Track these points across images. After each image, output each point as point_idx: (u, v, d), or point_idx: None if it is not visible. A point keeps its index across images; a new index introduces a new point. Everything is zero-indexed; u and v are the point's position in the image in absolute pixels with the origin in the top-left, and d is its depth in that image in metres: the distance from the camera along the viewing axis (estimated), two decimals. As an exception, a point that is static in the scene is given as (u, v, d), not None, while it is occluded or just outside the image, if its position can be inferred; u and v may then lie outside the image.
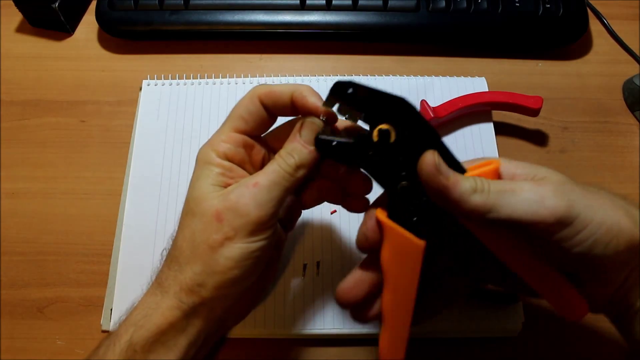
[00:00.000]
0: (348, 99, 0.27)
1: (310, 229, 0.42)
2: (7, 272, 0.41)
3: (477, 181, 0.25)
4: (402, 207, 0.27)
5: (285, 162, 0.28)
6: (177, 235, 0.29)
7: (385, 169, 0.27)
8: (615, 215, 0.24)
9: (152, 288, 0.29)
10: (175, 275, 0.28)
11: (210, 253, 0.27)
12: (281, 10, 0.51)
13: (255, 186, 0.28)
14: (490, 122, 0.47)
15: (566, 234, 0.24)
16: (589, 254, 0.24)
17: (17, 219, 0.43)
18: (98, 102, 0.49)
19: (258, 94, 0.30)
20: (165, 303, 0.28)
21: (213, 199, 0.28)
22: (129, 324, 0.28)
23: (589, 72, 0.52)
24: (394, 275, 0.28)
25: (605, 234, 0.24)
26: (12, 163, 0.46)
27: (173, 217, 0.42)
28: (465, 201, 0.24)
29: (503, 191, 0.24)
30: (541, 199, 0.24)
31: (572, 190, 0.24)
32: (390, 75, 0.49)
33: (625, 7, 0.56)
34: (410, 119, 0.27)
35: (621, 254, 0.24)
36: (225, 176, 0.29)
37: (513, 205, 0.24)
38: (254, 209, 0.27)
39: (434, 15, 0.51)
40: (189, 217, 0.29)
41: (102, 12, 0.51)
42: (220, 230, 0.27)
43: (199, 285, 0.27)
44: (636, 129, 0.49)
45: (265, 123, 0.31)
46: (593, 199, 0.25)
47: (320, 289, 0.39)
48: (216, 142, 0.30)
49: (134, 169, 0.44)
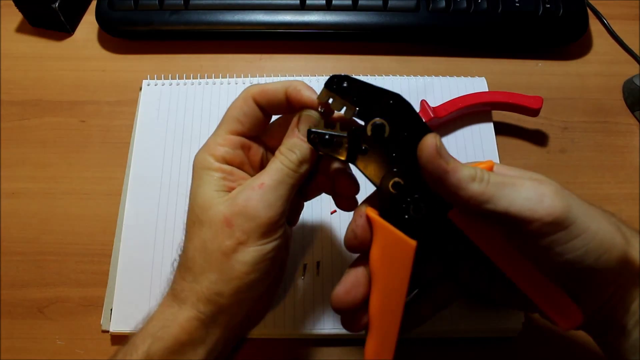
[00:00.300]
0: (342, 92, 0.27)
1: (310, 229, 0.42)
2: (7, 272, 0.41)
3: (477, 170, 0.24)
4: (394, 205, 0.27)
5: (287, 158, 0.28)
6: (187, 246, 0.29)
7: (377, 164, 0.27)
8: (609, 229, 0.24)
9: (168, 299, 0.29)
10: (191, 286, 0.28)
11: (224, 260, 0.27)
12: (281, 10, 0.51)
13: (261, 187, 0.27)
14: (490, 122, 0.47)
15: (560, 238, 0.23)
16: (579, 264, 0.23)
17: (17, 219, 0.43)
18: (98, 102, 0.49)
19: (251, 94, 0.30)
20: (182, 314, 0.28)
21: (219, 205, 0.27)
22: (146, 335, 0.27)
23: (589, 72, 0.52)
24: (384, 276, 0.27)
25: (599, 246, 0.23)
26: (12, 163, 0.46)
27: (173, 217, 0.42)
28: (463, 188, 0.24)
29: (503, 184, 0.24)
30: (540, 197, 0.23)
31: (570, 196, 0.24)
32: (390, 75, 0.49)
33: (625, 7, 0.56)
34: (404, 115, 0.26)
35: (611, 270, 0.24)
36: (227, 180, 0.29)
37: (511, 199, 0.23)
38: (263, 210, 0.27)
39: (434, 15, 0.51)
40: (196, 226, 0.28)
41: (102, 12, 0.51)
42: (232, 236, 0.27)
43: (217, 294, 0.27)
44: (636, 129, 0.49)
45: (261, 123, 0.31)
46: (589, 209, 0.24)
47: (320, 289, 0.39)
48: (213, 147, 0.29)
49: (134, 169, 0.44)
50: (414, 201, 0.26)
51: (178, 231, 0.41)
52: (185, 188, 0.43)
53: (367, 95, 0.27)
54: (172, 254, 0.40)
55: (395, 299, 0.26)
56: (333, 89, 0.27)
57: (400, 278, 0.26)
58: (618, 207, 0.44)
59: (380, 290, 0.27)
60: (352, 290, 0.27)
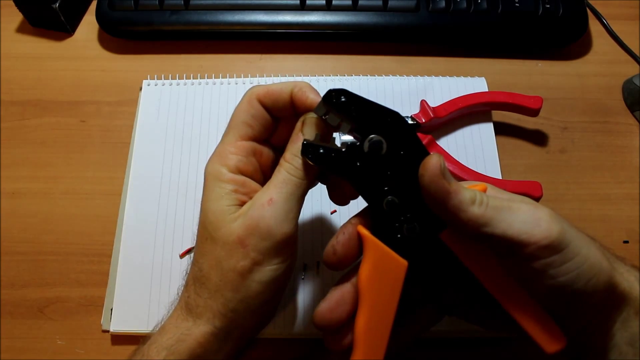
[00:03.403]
0: (340, 107, 0.26)
1: (310, 229, 0.42)
2: (7, 272, 0.41)
3: (477, 194, 0.24)
4: (387, 223, 0.26)
5: (293, 166, 0.27)
6: (200, 261, 0.28)
7: (371, 181, 0.26)
8: (597, 254, 0.24)
9: (182, 313, 0.29)
10: (207, 302, 0.28)
11: (240, 280, 0.27)
12: (281, 10, 0.51)
13: (270, 204, 0.27)
14: (490, 122, 0.47)
15: (554, 261, 0.23)
16: (570, 287, 0.24)
17: (17, 219, 0.43)
18: (98, 102, 0.49)
19: (256, 95, 0.29)
20: (198, 329, 0.28)
21: (231, 223, 0.27)
22: (161, 347, 0.28)
23: (588, 72, 0.52)
24: (372, 295, 0.26)
25: (589, 270, 0.24)
26: (12, 163, 0.46)
27: (173, 217, 0.42)
28: (464, 210, 0.24)
29: (501, 207, 0.24)
30: (537, 221, 0.23)
31: (563, 221, 0.24)
32: (390, 75, 0.49)
33: (624, 8, 0.56)
34: (402, 133, 0.26)
35: (598, 293, 0.24)
36: (239, 192, 0.28)
37: (509, 222, 0.23)
38: (276, 227, 0.26)
39: (433, 15, 0.51)
40: (208, 243, 0.28)
41: (102, 13, 0.51)
42: (246, 257, 0.27)
43: (232, 311, 0.27)
44: (636, 129, 0.49)
45: (270, 125, 0.30)
46: (579, 233, 0.25)
47: (320, 289, 0.39)
48: (225, 155, 0.28)
49: (134, 169, 0.44)
50: (408, 220, 0.26)
51: (178, 231, 0.41)
52: (186, 188, 0.43)
53: (365, 112, 0.26)
54: (173, 253, 0.40)
55: (383, 320, 0.26)
56: (332, 103, 0.26)
57: (389, 298, 0.26)
58: (618, 207, 0.45)
59: (368, 310, 0.26)
60: (337, 308, 0.27)
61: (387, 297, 0.26)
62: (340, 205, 0.31)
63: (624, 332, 0.26)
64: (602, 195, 0.45)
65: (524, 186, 0.41)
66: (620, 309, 0.26)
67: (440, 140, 0.46)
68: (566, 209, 0.44)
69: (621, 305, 0.26)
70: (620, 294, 0.25)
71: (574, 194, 0.45)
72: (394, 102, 0.48)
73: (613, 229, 0.44)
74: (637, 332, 0.25)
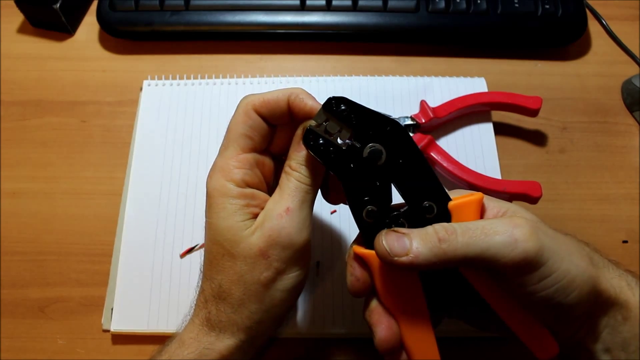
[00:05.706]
0: (340, 115, 0.27)
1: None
2: (7, 272, 0.41)
3: (440, 232, 0.24)
4: (374, 232, 0.26)
5: (301, 174, 0.28)
6: (218, 277, 0.28)
7: (360, 188, 0.26)
8: (580, 265, 0.24)
9: (202, 328, 0.29)
10: (229, 317, 0.28)
11: (264, 290, 0.27)
12: (281, 10, 0.51)
13: (287, 213, 0.27)
14: (490, 122, 0.47)
15: (532, 278, 0.24)
16: (551, 301, 0.24)
17: (17, 219, 0.43)
18: (99, 102, 0.49)
19: (252, 105, 0.29)
20: (222, 343, 0.28)
21: (250, 237, 0.27)
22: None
23: (587, 73, 0.52)
24: (400, 308, 0.26)
25: (569, 284, 0.24)
26: (12, 163, 0.46)
27: (173, 217, 0.42)
28: (431, 262, 0.24)
29: (473, 235, 0.24)
30: (513, 243, 0.23)
31: (544, 233, 0.24)
32: (390, 75, 0.50)
33: (624, 8, 0.56)
34: (401, 143, 0.26)
35: (582, 304, 0.24)
36: (251, 206, 0.28)
37: (484, 247, 0.23)
38: (296, 236, 0.27)
39: (433, 15, 0.51)
40: (226, 259, 0.28)
41: (103, 13, 0.51)
42: (270, 267, 0.27)
43: (258, 323, 0.28)
44: (635, 129, 0.49)
45: (268, 134, 0.30)
46: (562, 244, 0.25)
47: (320, 289, 0.39)
48: (229, 169, 0.28)
49: (135, 169, 0.44)
50: (393, 219, 0.26)
51: (178, 231, 0.41)
52: (186, 188, 0.43)
53: (364, 120, 0.27)
54: (173, 253, 0.41)
55: (420, 322, 0.26)
56: (332, 111, 0.27)
57: (414, 299, 0.26)
58: (617, 207, 0.45)
59: (403, 321, 0.26)
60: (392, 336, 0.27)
61: (412, 300, 0.26)
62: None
63: (615, 337, 0.26)
64: (602, 195, 0.45)
65: (523, 186, 0.41)
66: (607, 315, 0.26)
67: (440, 140, 0.46)
68: (565, 209, 0.45)
69: (608, 311, 0.26)
70: (606, 300, 0.26)
71: (574, 194, 0.45)
72: (393, 103, 0.48)
73: (612, 229, 0.44)
74: (627, 337, 0.26)
